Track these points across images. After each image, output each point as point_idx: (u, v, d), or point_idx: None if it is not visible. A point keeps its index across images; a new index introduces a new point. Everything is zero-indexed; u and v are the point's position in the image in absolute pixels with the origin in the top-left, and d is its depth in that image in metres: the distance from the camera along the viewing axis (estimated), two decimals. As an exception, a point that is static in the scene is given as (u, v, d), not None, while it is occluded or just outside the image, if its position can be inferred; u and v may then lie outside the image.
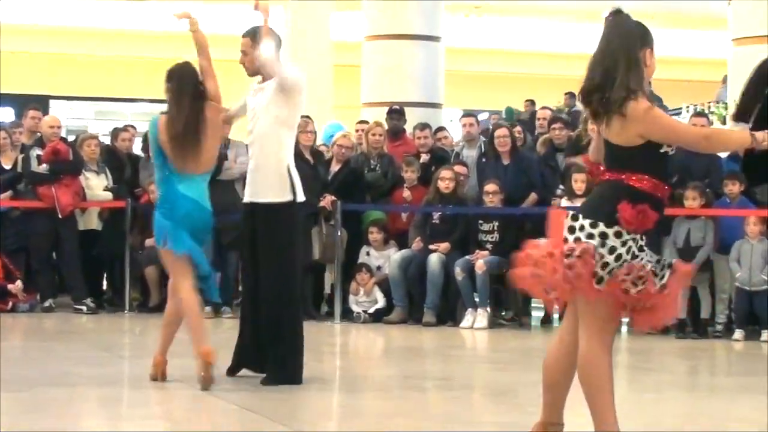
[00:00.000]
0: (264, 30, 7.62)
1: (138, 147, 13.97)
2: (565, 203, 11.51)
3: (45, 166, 12.62)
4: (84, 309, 12.52)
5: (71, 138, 14.60)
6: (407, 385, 8.16)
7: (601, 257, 4.89)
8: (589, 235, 4.92)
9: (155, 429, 6.44)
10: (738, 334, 11.06)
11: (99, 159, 13.26)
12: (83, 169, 12.94)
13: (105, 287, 13.62)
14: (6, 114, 20.19)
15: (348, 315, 12.27)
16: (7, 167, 12.94)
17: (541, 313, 12.36)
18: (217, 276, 12.70)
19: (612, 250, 4.89)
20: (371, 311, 12.26)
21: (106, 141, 14.23)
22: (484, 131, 14.45)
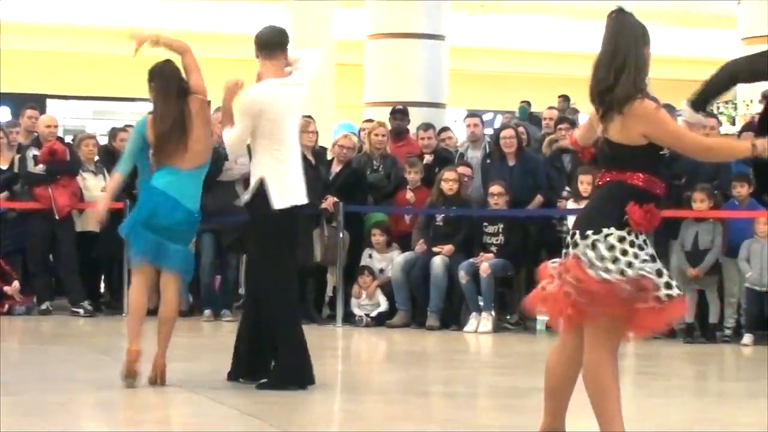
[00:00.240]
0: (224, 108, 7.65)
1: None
2: (572, 205, 11.41)
3: (42, 166, 12.52)
4: (81, 312, 12.39)
5: (69, 138, 14.50)
6: (410, 390, 8.13)
7: (591, 263, 4.88)
8: (575, 244, 4.94)
9: (153, 433, 6.42)
10: (747, 338, 10.93)
11: (97, 159, 13.11)
12: (81, 170, 12.82)
13: (102, 290, 13.50)
14: (2, 113, 20.15)
15: (350, 318, 12.16)
16: (4, 168, 12.84)
17: (547, 318, 12.21)
18: (217, 279, 12.66)
19: (611, 248, 4.88)
20: (374, 314, 12.15)
21: (104, 141, 14.12)
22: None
